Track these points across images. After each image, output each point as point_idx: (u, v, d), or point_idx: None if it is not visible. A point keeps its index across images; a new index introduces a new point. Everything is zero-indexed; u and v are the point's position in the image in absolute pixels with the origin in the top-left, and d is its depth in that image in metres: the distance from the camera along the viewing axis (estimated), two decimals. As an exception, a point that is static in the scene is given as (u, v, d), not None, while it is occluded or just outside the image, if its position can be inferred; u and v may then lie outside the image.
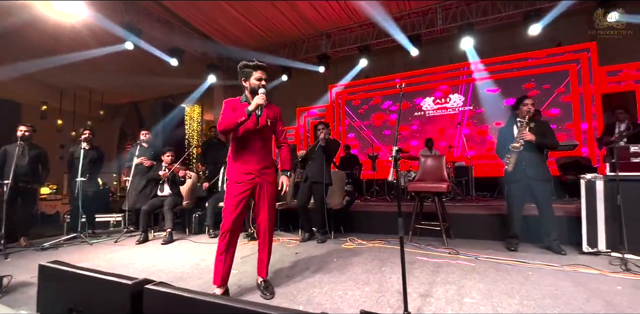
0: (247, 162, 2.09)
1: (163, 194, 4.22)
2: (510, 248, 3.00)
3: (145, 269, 2.71)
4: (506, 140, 3.05)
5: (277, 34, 7.64)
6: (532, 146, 2.90)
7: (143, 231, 3.90)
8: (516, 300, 1.85)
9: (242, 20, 6.89)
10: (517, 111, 3.10)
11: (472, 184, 5.81)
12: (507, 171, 3.03)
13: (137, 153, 4.42)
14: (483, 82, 7.02)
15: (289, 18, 6.94)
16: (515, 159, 2.96)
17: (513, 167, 2.97)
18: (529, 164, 2.91)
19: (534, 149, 2.93)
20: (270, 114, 2.15)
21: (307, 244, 3.54)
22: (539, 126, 2.99)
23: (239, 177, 2.08)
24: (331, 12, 6.77)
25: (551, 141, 2.96)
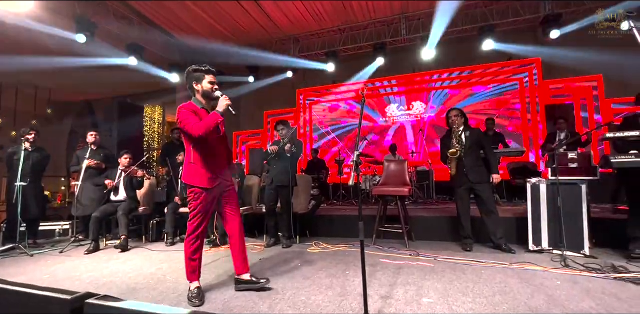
0: (214, 168, 2.13)
1: (117, 198, 3.95)
2: (465, 248, 3.18)
3: (94, 282, 2.51)
4: (445, 147, 3.35)
5: (244, 36, 7.53)
6: (471, 152, 3.20)
7: (93, 240, 3.61)
8: (470, 298, 1.95)
9: (207, 19, 6.72)
10: (450, 121, 3.39)
11: (433, 187, 6.07)
12: (452, 176, 3.32)
13: (87, 155, 4.10)
14: (443, 91, 7.42)
15: (256, 20, 6.88)
16: (456, 163, 3.24)
17: (456, 172, 3.26)
18: (469, 169, 3.17)
19: (473, 155, 3.21)
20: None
21: (272, 250, 3.48)
22: (474, 134, 3.28)
23: (207, 182, 2.10)
24: (299, 16, 6.81)
25: (494, 159, 3.33)
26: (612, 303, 1.82)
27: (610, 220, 3.32)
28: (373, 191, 3.85)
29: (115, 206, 3.82)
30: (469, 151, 3.19)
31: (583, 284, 2.15)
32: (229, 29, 7.23)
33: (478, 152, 3.25)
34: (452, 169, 3.27)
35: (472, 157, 3.20)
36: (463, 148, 3.21)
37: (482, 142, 3.27)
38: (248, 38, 7.63)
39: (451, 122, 3.32)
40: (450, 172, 3.30)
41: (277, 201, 3.72)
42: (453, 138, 3.29)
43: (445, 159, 3.37)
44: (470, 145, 3.20)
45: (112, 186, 3.88)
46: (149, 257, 3.31)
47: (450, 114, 3.34)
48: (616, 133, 2.49)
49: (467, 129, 3.30)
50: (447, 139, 3.39)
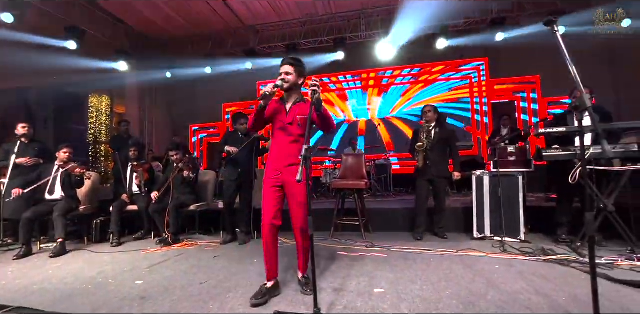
0: (276, 160, 2.12)
1: (53, 197, 3.59)
2: (416, 238, 3.34)
3: (23, 290, 2.26)
4: (415, 141, 3.48)
5: (201, 24, 7.16)
6: (438, 147, 3.36)
7: (24, 244, 3.25)
8: (417, 286, 2.04)
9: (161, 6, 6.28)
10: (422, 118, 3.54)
11: (391, 180, 6.28)
12: (417, 168, 3.45)
13: (17, 150, 3.67)
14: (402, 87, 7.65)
15: (215, 9, 6.56)
16: (423, 156, 3.38)
17: (422, 165, 3.37)
18: (433, 163, 3.34)
19: (439, 151, 3.37)
20: (303, 110, 2.09)
21: (228, 247, 3.40)
22: (442, 130, 3.46)
23: (269, 173, 2.12)
24: (259, 7, 6.61)
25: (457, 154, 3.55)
26: (541, 284, 2.01)
27: (543, 208, 3.66)
28: (333, 185, 3.89)
29: (51, 206, 3.45)
30: (435, 146, 3.35)
31: (518, 267, 2.35)
32: (186, 18, 6.83)
33: (445, 148, 3.43)
34: (420, 161, 3.41)
35: (437, 152, 3.36)
36: (430, 143, 3.36)
37: (450, 141, 3.47)
38: (206, 28, 7.26)
39: (425, 117, 3.46)
40: (417, 164, 3.44)
41: (236, 196, 3.62)
42: (423, 132, 3.43)
43: (413, 151, 3.51)
44: (437, 141, 3.37)
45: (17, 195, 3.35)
46: (91, 260, 3.06)
47: (425, 109, 3.49)
48: (546, 129, 2.73)
49: (439, 126, 3.46)
50: (416, 133, 3.54)
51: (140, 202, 3.92)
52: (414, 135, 3.60)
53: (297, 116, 2.10)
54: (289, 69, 2.10)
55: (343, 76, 8.04)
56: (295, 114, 2.11)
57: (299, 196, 2.07)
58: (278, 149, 2.14)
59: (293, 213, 2.13)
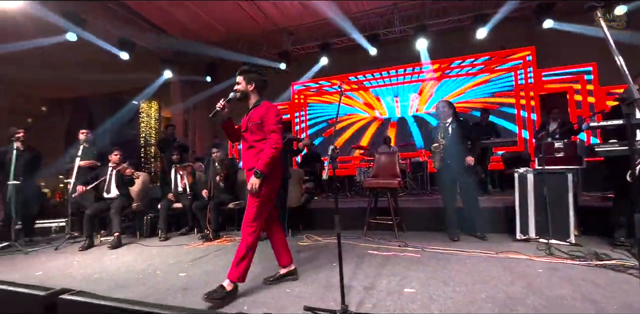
0: (244, 165, 2.20)
1: (110, 196, 3.98)
2: (453, 239, 3.21)
3: (85, 278, 2.55)
4: (431, 140, 3.36)
5: (236, 29, 7.46)
6: (455, 143, 3.20)
7: (87, 237, 3.66)
8: (450, 287, 1.98)
9: (199, 14, 6.64)
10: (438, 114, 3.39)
11: (427, 178, 6.09)
12: (436, 168, 3.35)
13: (80, 154, 4.12)
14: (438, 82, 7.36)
15: (250, 14, 6.80)
16: (440, 158, 3.27)
17: (441, 164, 3.27)
18: (453, 160, 3.18)
19: (458, 147, 3.20)
20: (255, 115, 2.12)
21: (263, 244, 3.48)
22: (460, 126, 3.28)
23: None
24: (292, 8, 6.72)
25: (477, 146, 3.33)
26: (589, 289, 1.85)
27: (598, 208, 3.34)
28: (364, 184, 3.87)
29: (108, 204, 3.85)
30: (453, 143, 3.20)
31: (564, 271, 2.17)
32: (222, 24, 7.16)
33: (465, 144, 3.24)
34: (436, 162, 3.30)
35: (457, 149, 3.20)
36: (447, 140, 3.22)
37: (469, 134, 3.28)
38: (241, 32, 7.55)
39: (440, 113, 3.33)
40: (434, 165, 3.33)
41: None
42: (440, 130, 3.30)
43: (429, 149, 3.40)
44: (455, 137, 3.21)
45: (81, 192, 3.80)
46: (142, 253, 3.36)
47: (438, 105, 3.36)
48: (599, 122, 2.48)
49: (455, 121, 3.30)
50: (435, 130, 3.40)
51: (185, 200, 4.21)
52: (432, 134, 3.47)
53: (250, 122, 2.13)
54: (238, 79, 2.18)
55: (379, 73, 7.90)
56: (249, 121, 2.14)
57: (250, 198, 2.07)
58: (242, 156, 2.22)
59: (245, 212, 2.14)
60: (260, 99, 2.20)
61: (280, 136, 2.07)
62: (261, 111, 2.11)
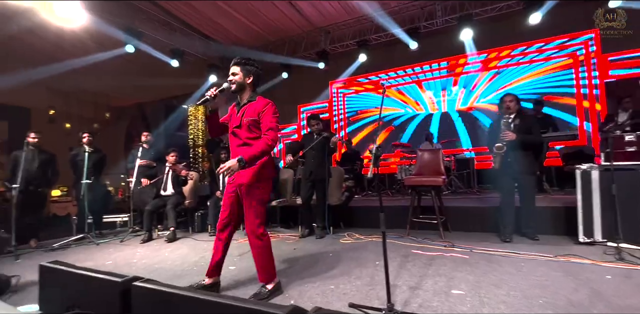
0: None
1: (166, 193, 4.32)
2: (504, 240, 3.03)
3: (147, 268, 2.81)
4: (493, 137, 3.14)
5: (276, 32, 7.65)
6: (514, 142, 2.98)
7: (147, 231, 4.02)
8: (503, 291, 1.87)
9: (241, 19, 6.92)
10: (501, 109, 3.16)
11: (474, 176, 5.78)
12: (494, 168, 3.16)
13: (139, 154, 4.52)
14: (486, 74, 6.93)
15: (288, 15, 6.94)
16: (501, 159, 3.07)
17: (501, 162, 3.08)
18: (514, 158, 2.98)
19: (518, 145, 2.98)
20: (250, 111, 2.02)
21: (306, 240, 3.60)
22: (524, 122, 3.05)
23: (228, 179, 2.10)
24: (329, 8, 6.74)
25: (534, 137, 3.04)
26: (670, 301, 1.65)
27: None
28: (405, 182, 3.78)
29: (165, 200, 4.19)
30: (515, 142, 2.97)
31: (637, 279, 1.95)
32: (261, 27, 7.39)
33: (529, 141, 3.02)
34: (496, 163, 3.10)
35: (520, 146, 2.98)
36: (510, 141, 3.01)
37: (532, 130, 3.04)
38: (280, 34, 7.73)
39: (506, 107, 3.09)
40: (494, 166, 3.13)
41: (312, 193, 3.81)
42: (503, 126, 3.08)
43: (491, 150, 3.20)
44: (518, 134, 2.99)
45: (146, 184, 4.25)
46: (194, 246, 3.61)
47: (506, 99, 3.10)
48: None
49: (518, 116, 3.09)
50: (496, 126, 3.19)
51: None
52: (491, 129, 3.27)
53: (245, 118, 2.01)
54: (235, 70, 2.04)
55: (419, 67, 7.63)
56: (243, 116, 2.02)
57: (249, 199, 1.99)
58: (231, 153, 2.08)
59: (245, 216, 2.04)
60: (255, 94, 2.10)
61: (277, 135, 2.01)
62: (257, 107, 2.02)
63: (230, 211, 2.10)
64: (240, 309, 0.96)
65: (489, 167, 6.13)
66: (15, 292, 2.28)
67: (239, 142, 2.04)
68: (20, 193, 3.69)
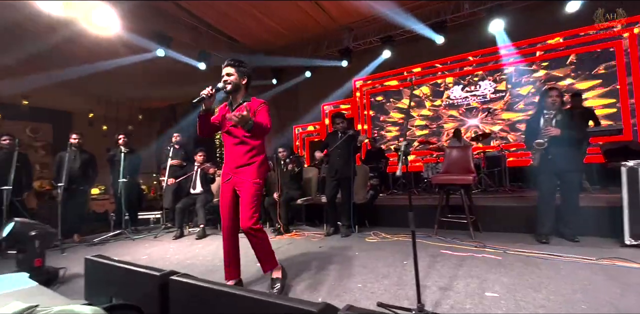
0: (226, 163, 2.13)
1: (195, 192, 4.48)
2: (541, 241, 2.88)
3: (180, 263, 2.93)
4: (532, 133, 2.98)
5: (299, 31, 7.68)
6: (558, 138, 2.80)
7: (178, 227, 4.19)
8: (542, 294, 1.79)
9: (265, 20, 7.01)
10: (543, 103, 2.98)
11: (506, 174, 5.53)
12: (533, 165, 2.99)
13: (171, 155, 4.71)
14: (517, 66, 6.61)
15: (311, 14, 6.96)
16: (541, 155, 2.91)
17: (541, 159, 2.91)
18: (557, 155, 2.81)
19: (562, 141, 2.80)
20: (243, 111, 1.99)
21: (331, 239, 3.61)
22: (567, 116, 2.88)
23: (223, 178, 2.14)
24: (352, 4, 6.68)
25: (578, 133, 2.87)
26: None
27: None
28: (433, 180, 3.69)
29: (194, 199, 4.35)
30: (558, 137, 2.80)
31: (695, 286, 1.80)
32: (284, 26, 7.45)
33: (572, 136, 2.83)
34: (536, 160, 2.94)
35: (561, 143, 2.80)
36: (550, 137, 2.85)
37: (576, 125, 2.88)
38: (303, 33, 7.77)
39: (551, 102, 2.90)
40: (533, 163, 2.97)
41: (337, 191, 3.81)
42: (543, 122, 2.92)
43: (529, 146, 3.04)
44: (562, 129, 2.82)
45: (172, 183, 4.42)
46: (224, 243, 3.71)
47: (552, 93, 2.91)
48: None
49: (560, 110, 2.92)
50: (535, 122, 3.02)
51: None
52: (529, 125, 3.10)
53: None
54: (229, 70, 2.05)
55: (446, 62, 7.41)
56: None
57: (247, 195, 2.00)
58: (226, 152, 2.10)
59: (241, 213, 2.02)
60: (249, 95, 2.14)
61: (270, 130, 2.03)
62: (252, 106, 2.05)
63: (231, 212, 2.11)
64: (274, 305, 0.98)
65: (523, 164, 5.91)
66: (63, 283, 2.46)
67: (236, 141, 2.06)
68: (65, 191, 3.97)
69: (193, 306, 1.25)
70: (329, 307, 0.93)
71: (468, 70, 7.17)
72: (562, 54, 6.19)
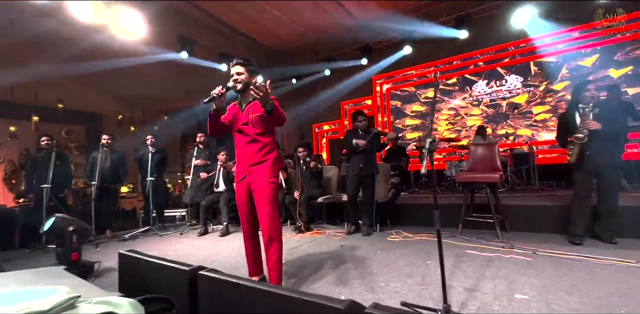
0: (239, 162, 2.11)
1: (219, 190, 4.59)
2: (574, 242, 2.74)
3: (205, 258, 3.01)
4: (567, 128, 2.84)
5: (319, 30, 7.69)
6: (597, 132, 2.64)
7: (203, 225, 4.32)
8: (576, 298, 1.71)
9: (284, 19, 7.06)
10: (578, 97, 2.82)
11: (535, 172, 5.31)
12: (570, 161, 2.84)
13: (195, 154, 4.85)
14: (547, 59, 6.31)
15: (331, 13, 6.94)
16: (579, 149, 2.74)
17: (578, 155, 2.76)
18: (596, 150, 2.66)
19: (601, 136, 2.65)
20: (256, 108, 2.02)
21: (352, 237, 3.60)
22: (604, 110, 2.71)
23: (236, 177, 2.13)
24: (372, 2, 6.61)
25: (619, 127, 2.72)
26: None
27: None
28: (457, 178, 3.60)
29: (218, 197, 4.46)
30: (598, 132, 2.65)
31: None
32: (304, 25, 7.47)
33: (612, 131, 2.68)
34: (573, 155, 2.78)
35: (601, 138, 2.65)
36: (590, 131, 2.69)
37: (615, 119, 2.71)
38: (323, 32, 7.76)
39: (590, 96, 2.75)
40: (570, 159, 2.82)
41: (359, 190, 3.78)
42: (579, 117, 2.76)
43: (564, 142, 2.90)
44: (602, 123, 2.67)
45: (205, 177, 4.56)
46: (247, 240, 3.78)
47: (590, 87, 2.76)
48: None
49: (598, 105, 2.76)
50: (568, 118, 2.88)
51: (280, 195, 4.58)
52: (562, 121, 2.95)
53: (251, 115, 2.01)
54: (240, 69, 2.03)
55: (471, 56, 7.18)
56: (249, 113, 2.02)
57: (264, 195, 1.95)
58: (238, 151, 2.08)
59: (259, 216, 1.98)
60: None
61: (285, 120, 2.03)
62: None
63: (249, 213, 2.09)
64: (300, 301, 0.99)
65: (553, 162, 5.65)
66: (97, 276, 2.59)
67: (247, 139, 2.05)
68: (97, 189, 4.18)
69: (221, 300, 1.28)
70: (355, 304, 0.93)
71: (494, 65, 6.91)
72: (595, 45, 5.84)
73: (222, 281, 1.28)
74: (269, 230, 1.97)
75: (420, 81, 7.81)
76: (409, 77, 8.02)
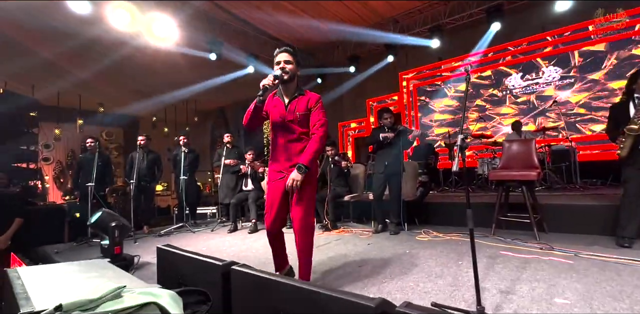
0: (277, 160, 1.98)
1: (247, 188, 4.72)
2: (623, 245, 2.55)
3: (235, 254, 3.11)
4: (619, 119, 2.62)
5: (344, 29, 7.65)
6: None
7: (233, 222, 4.46)
8: (625, 304, 1.59)
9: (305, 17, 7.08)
10: (634, 87, 2.59)
11: (576, 170, 4.97)
12: (622, 157, 2.61)
13: (224, 154, 5.00)
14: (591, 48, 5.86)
15: (356, 11, 6.88)
16: (632, 142, 2.53)
17: (630, 150, 2.54)
18: None
19: None
20: (301, 105, 1.92)
21: (380, 236, 3.56)
22: None
23: (271, 175, 2.01)
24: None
25: None
26: None
27: None
28: (490, 176, 3.46)
29: (246, 195, 4.58)
30: None
31: None
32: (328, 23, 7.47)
33: None
34: (624, 149, 2.56)
35: None
36: None
37: None
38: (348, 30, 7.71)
39: (636, 87, 2.57)
40: (620, 153, 2.60)
41: (385, 188, 3.74)
42: (633, 108, 2.57)
43: (615, 135, 2.69)
44: None
45: (245, 170, 4.69)
46: (275, 237, 3.86)
47: None
48: None
49: None
50: (621, 109, 2.68)
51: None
52: (613, 113, 2.74)
53: (298, 112, 1.88)
54: (287, 58, 1.87)
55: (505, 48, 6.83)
56: (295, 110, 1.89)
57: (303, 197, 1.87)
58: (278, 148, 1.95)
59: (293, 211, 1.90)
60: (300, 88, 1.98)
61: (327, 132, 1.92)
62: (310, 101, 1.92)
63: (280, 210, 1.98)
64: (331, 298, 1.00)
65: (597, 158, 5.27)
66: (137, 269, 2.75)
67: (293, 137, 1.93)
68: (135, 188, 4.43)
69: (252, 294, 1.32)
70: (386, 303, 0.93)
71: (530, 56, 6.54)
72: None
73: (253, 276, 1.31)
74: (304, 227, 1.93)
75: (450, 76, 7.55)
76: (438, 72, 7.78)
